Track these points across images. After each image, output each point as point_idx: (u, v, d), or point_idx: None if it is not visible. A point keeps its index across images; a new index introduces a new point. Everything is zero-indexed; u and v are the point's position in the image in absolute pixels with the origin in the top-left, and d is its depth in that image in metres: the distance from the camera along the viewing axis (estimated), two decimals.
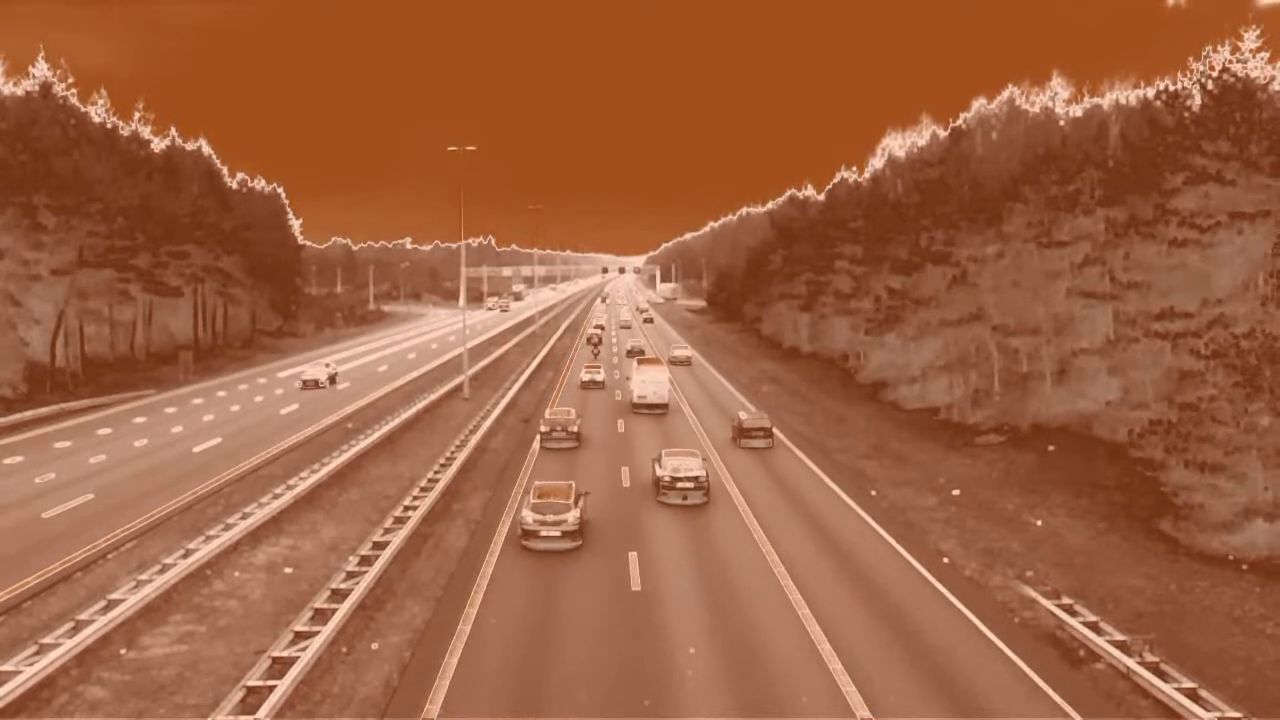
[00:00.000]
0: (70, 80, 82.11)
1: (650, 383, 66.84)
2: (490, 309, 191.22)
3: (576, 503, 35.79)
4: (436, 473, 45.27)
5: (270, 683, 22.74)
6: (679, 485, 41.43)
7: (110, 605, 27.28)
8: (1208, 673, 24.81)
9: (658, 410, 65.11)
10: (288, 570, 32.55)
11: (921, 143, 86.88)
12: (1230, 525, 36.05)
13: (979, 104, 76.47)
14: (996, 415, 58.92)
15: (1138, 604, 30.64)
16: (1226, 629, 29.02)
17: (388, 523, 36.91)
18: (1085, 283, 53.22)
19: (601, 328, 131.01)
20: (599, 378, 79.53)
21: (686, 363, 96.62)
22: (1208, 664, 25.72)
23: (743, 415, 58.07)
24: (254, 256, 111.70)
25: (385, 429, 56.33)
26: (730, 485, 45.15)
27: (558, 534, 34.63)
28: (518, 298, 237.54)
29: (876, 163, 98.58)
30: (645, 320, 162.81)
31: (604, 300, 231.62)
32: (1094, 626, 27.12)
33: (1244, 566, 34.29)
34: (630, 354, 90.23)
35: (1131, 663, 24.58)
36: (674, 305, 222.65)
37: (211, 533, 34.89)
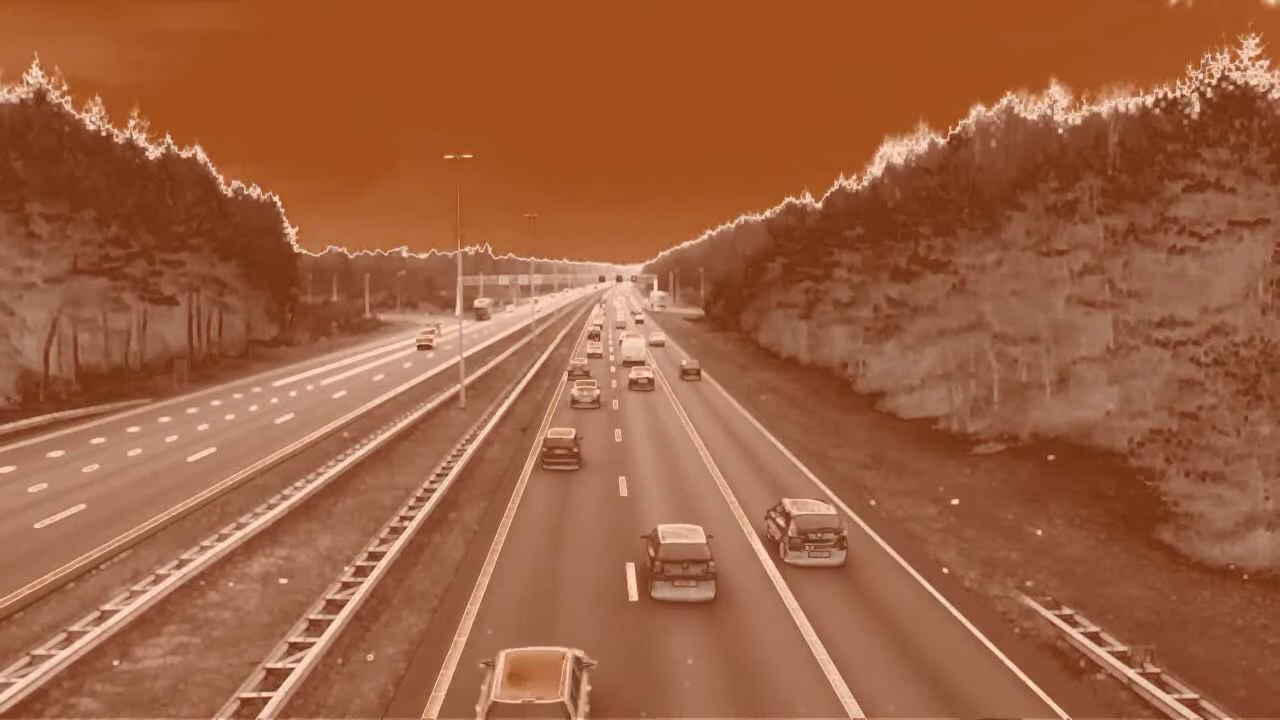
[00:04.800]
0: (65, 87, 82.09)
1: (632, 347, 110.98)
2: (426, 338, 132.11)
3: (596, 388, 75.71)
4: (433, 482, 45.07)
5: (265, 694, 22.50)
6: (640, 381, 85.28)
7: (103, 616, 27.10)
8: (1209, 683, 24.63)
9: (636, 363, 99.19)
10: (282, 581, 32.33)
11: (920, 150, 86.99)
12: (1231, 535, 35.84)
13: (977, 111, 76.59)
14: (996, 424, 58.77)
15: (1138, 614, 30.45)
16: (1228, 639, 28.82)
17: (384, 532, 36.72)
18: (1085, 291, 53.11)
19: (600, 325, 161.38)
20: (599, 351, 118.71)
21: (661, 344, 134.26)
22: (1209, 674, 25.54)
23: (683, 362, 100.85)
24: (250, 265, 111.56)
25: (381, 438, 56.15)
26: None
27: (589, 400, 73.61)
28: (481, 316, 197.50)
29: (875, 170, 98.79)
30: (637, 321, 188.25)
31: (601, 305, 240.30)
32: (1095, 637, 26.99)
33: (1245, 576, 34.06)
34: (623, 342, 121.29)
35: (1133, 673, 24.43)
36: (666, 312, 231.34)
37: (206, 543, 34.69)
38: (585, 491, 46.04)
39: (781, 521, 35.51)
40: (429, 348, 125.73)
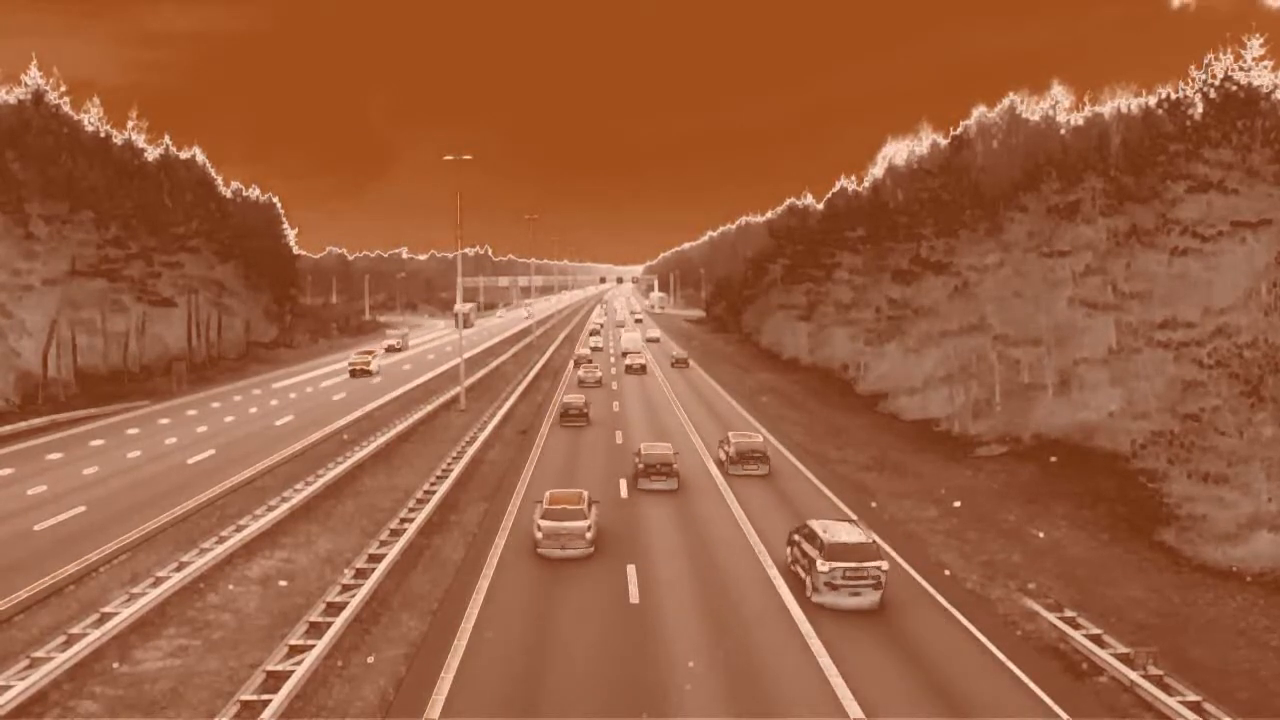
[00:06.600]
0: (63, 88, 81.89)
1: (630, 340, 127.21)
2: (362, 359, 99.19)
3: (599, 370, 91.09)
4: (433, 485, 44.95)
5: (265, 697, 22.43)
6: (634, 366, 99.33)
7: (103, 619, 26.99)
8: (1212, 686, 24.56)
9: (632, 352, 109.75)
10: (282, 583, 32.23)
11: (922, 151, 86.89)
12: (1233, 537, 35.77)
13: (979, 112, 76.47)
14: (997, 426, 58.67)
15: (1141, 616, 30.42)
16: (1231, 642, 28.78)
17: (384, 535, 36.62)
18: (1087, 292, 53.03)
19: (601, 324, 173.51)
20: (600, 345, 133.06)
21: (656, 340, 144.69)
22: (1212, 677, 25.49)
23: (674, 352, 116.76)
24: (249, 266, 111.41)
25: (381, 440, 56.03)
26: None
27: (593, 380, 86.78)
28: (463, 324, 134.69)
29: (877, 171, 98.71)
30: (636, 320, 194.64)
31: (602, 305, 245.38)
32: (1097, 639, 26.92)
33: (1247, 579, 33.99)
34: (622, 337, 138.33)
35: (1135, 676, 24.36)
36: (666, 314, 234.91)
37: (205, 545, 34.58)
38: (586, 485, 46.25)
39: (727, 448, 51.63)
40: (366, 372, 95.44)
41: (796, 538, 33.02)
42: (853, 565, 29.68)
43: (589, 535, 34.81)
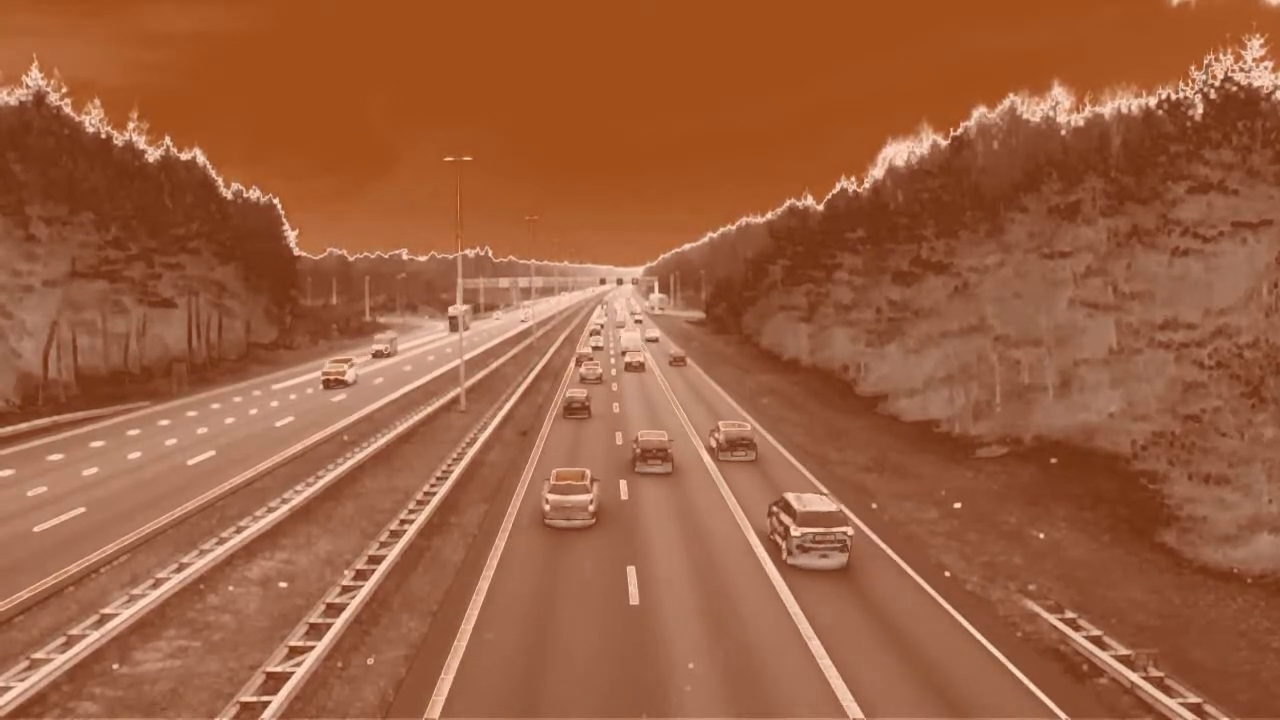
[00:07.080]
0: (64, 89, 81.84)
1: (629, 339, 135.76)
2: (337, 368, 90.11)
3: (599, 367, 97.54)
4: (433, 486, 44.95)
5: (265, 698, 22.42)
6: (633, 364, 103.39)
7: (103, 620, 26.98)
8: (1213, 688, 24.52)
9: (632, 351, 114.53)
10: (282, 584, 32.21)
11: (922, 152, 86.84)
12: (1234, 538, 35.70)
13: (979, 113, 76.42)
14: (998, 427, 58.59)
15: (1141, 618, 30.36)
16: (1232, 643, 28.72)
17: (384, 536, 36.62)
18: (1087, 293, 52.97)
19: (602, 325, 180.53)
20: (601, 344, 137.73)
21: (655, 340, 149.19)
22: (1213, 679, 25.44)
23: (672, 350, 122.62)
24: (249, 268, 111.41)
25: (381, 441, 56.04)
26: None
27: (594, 376, 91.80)
28: (452, 327, 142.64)
29: (877, 172, 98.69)
30: (636, 321, 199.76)
31: (602, 305, 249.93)
32: (1097, 641, 26.91)
33: (1248, 580, 33.93)
34: (621, 336, 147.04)
35: (1136, 677, 24.35)
36: (667, 315, 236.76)
37: (205, 546, 34.57)
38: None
39: (717, 435, 56.06)
40: (341, 383, 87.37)
41: (775, 509, 37.20)
42: (821, 530, 33.78)
43: (591, 508, 39.39)
